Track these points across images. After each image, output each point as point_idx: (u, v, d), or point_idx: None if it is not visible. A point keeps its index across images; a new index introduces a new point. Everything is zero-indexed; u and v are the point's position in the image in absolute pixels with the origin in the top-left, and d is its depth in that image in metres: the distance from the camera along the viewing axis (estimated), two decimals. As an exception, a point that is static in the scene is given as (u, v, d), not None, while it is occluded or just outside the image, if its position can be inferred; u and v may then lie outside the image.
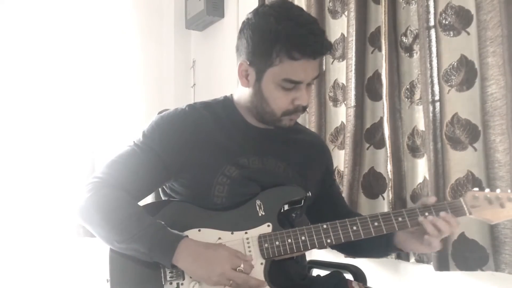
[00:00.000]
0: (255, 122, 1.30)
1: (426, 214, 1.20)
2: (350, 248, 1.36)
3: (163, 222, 1.14)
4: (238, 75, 1.25)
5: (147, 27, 3.34)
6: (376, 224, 1.19)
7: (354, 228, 1.19)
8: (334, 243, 1.19)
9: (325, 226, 1.19)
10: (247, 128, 1.29)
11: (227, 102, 1.33)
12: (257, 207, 1.21)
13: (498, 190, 1.22)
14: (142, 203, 1.25)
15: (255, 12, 1.22)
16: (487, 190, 1.23)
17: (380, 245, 1.29)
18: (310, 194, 1.29)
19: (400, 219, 1.20)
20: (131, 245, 1.11)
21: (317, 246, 1.19)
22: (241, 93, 1.29)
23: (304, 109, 1.24)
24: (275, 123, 1.25)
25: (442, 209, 1.20)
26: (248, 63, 1.21)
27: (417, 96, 1.83)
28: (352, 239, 1.18)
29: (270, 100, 1.20)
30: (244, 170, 1.24)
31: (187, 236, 1.13)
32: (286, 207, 1.25)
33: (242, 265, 1.09)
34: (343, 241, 1.19)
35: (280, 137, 1.33)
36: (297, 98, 1.20)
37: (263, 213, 1.20)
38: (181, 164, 1.22)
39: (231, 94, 1.35)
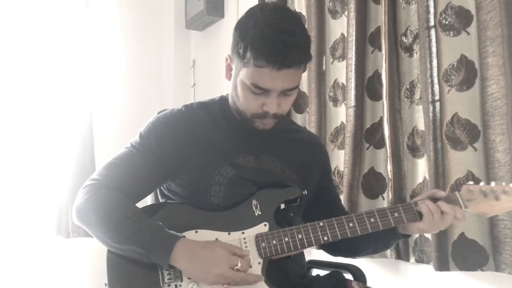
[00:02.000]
0: None
1: None
2: (353, 247, 1.35)
3: (160, 223, 1.14)
4: (225, 67, 1.26)
5: (147, 27, 3.34)
6: (372, 220, 1.19)
7: (351, 225, 1.18)
8: (331, 240, 1.18)
9: (321, 224, 1.18)
10: (244, 127, 1.29)
11: (223, 102, 1.33)
12: (254, 207, 1.21)
13: (492, 183, 1.21)
14: (140, 204, 1.24)
15: (248, 11, 1.22)
16: (482, 183, 1.22)
17: (385, 236, 1.27)
18: (306, 192, 1.28)
19: (396, 214, 1.19)
20: (129, 246, 1.11)
21: (314, 244, 1.18)
22: None
23: (275, 116, 1.20)
24: (248, 124, 1.24)
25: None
26: (230, 59, 1.23)
27: (417, 96, 1.82)
28: (349, 235, 1.18)
29: (241, 99, 1.20)
30: (241, 170, 1.24)
31: (184, 236, 1.13)
32: (282, 206, 1.25)
33: (239, 264, 1.08)
34: (340, 238, 1.18)
35: (277, 136, 1.33)
36: (266, 104, 1.17)
37: (260, 213, 1.20)
38: (178, 164, 1.22)
39: (227, 94, 1.35)
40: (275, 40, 1.11)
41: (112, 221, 1.12)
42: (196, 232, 1.17)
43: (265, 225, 1.19)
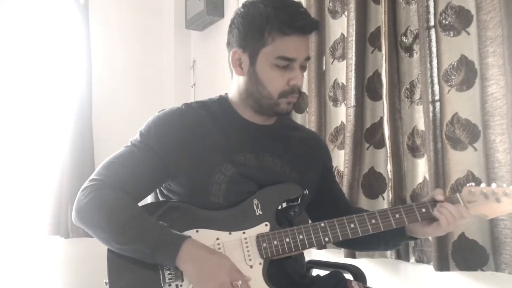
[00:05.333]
0: (252, 118, 1.30)
1: (423, 210, 1.20)
2: (362, 244, 1.35)
3: (165, 223, 1.14)
4: (232, 64, 1.26)
5: (147, 27, 3.34)
6: (373, 221, 1.19)
7: (352, 226, 1.18)
8: (332, 241, 1.18)
9: (322, 225, 1.18)
10: (243, 125, 1.29)
11: (222, 101, 1.33)
12: (254, 206, 1.20)
13: (493, 185, 1.22)
14: (141, 204, 1.24)
15: (244, 4, 1.27)
16: (483, 185, 1.23)
17: (393, 236, 1.28)
18: (307, 192, 1.28)
19: (397, 215, 1.20)
20: (133, 246, 1.10)
21: (315, 245, 1.18)
22: (235, 88, 1.30)
23: (299, 92, 1.25)
24: (273, 109, 1.25)
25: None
26: (241, 50, 1.23)
27: (417, 96, 1.83)
28: (350, 237, 1.18)
29: (266, 81, 1.22)
30: (241, 168, 1.23)
31: (190, 237, 1.12)
32: (283, 205, 1.24)
33: (240, 282, 1.07)
34: (341, 239, 1.18)
35: (277, 134, 1.33)
36: (292, 78, 1.22)
37: (261, 212, 1.20)
38: (179, 162, 1.22)
39: (226, 93, 1.35)
40: (293, 9, 1.20)
41: (116, 222, 1.11)
42: (197, 231, 1.17)
43: (266, 225, 1.19)
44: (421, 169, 1.80)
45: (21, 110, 2.86)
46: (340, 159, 2.07)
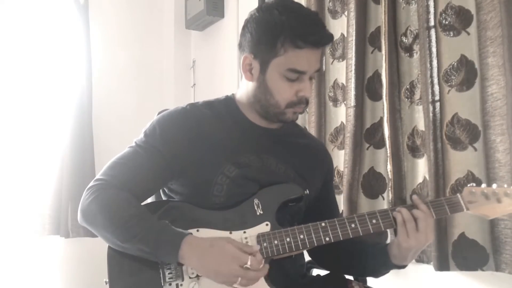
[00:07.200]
0: (258, 121, 1.30)
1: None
2: (349, 266, 1.36)
3: (167, 221, 1.14)
4: (242, 69, 1.26)
5: (147, 27, 3.34)
6: (374, 221, 1.19)
7: (353, 225, 1.19)
8: (332, 241, 1.18)
9: (323, 224, 1.18)
10: (249, 127, 1.29)
11: (229, 101, 1.33)
12: (255, 206, 1.21)
13: (494, 185, 1.22)
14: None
15: (259, 8, 1.25)
16: (483, 185, 1.23)
17: (379, 265, 1.27)
18: (308, 192, 1.28)
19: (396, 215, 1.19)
20: (136, 245, 1.10)
21: (315, 245, 1.18)
22: (243, 91, 1.30)
23: (306, 102, 1.25)
24: (279, 117, 1.26)
25: (439, 205, 1.20)
26: (252, 56, 1.23)
27: (417, 96, 1.82)
28: (351, 236, 1.18)
29: (275, 91, 1.22)
30: (244, 169, 1.23)
31: (191, 233, 1.12)
32: (284, 205, 1.24)
33: (249, 262, 1.07)
34: (341, 238, 1.18)
35: (282, 139, 1.33)
36: (301, 90, 1.22)
37: (261, 212, 1.20)
38: (183, 162, 1.22)
39: (233, 94, 1.35)
40: (307, 21, 1.19)
41: (119, 220, 1.12)
42: (198, 231, 1.17)
43: (266, 224, 1.19)
44: (421, 169, 1.80)
45: (21, 110, 2.86)
46: (340, 159, 2.06)
